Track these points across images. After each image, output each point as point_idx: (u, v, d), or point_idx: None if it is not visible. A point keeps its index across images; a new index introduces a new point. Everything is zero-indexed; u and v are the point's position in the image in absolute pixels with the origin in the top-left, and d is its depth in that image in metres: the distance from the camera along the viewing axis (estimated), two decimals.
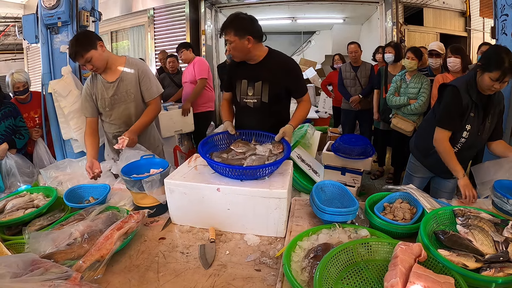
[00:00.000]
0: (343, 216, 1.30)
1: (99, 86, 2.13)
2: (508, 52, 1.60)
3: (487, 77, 1.65)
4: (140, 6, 6.85)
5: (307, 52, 9.65)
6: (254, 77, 1.88)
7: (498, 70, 1.59)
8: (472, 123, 1.79)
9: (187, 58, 4.09)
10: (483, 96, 1.76)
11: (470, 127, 1.80)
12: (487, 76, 1.64)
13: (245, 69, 1.90)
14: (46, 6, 2.71)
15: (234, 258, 1.26)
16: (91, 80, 2.16)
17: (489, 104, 1.78)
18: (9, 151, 2.50)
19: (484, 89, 1.71)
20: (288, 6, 6.98)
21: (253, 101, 1.90)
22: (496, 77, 1.61)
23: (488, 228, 1.14)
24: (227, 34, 1.77)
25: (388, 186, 1.62)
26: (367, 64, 4.29)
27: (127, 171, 1.65)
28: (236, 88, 1.95)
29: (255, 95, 1.89)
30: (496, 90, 1.69)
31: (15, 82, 2.85)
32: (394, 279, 0.86)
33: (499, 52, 1.64)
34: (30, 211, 1.49)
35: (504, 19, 2.40)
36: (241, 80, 1.92)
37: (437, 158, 1.88)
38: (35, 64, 8.23)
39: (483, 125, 1.81)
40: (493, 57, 1.64)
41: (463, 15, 6.56)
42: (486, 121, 1.80)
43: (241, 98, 1.93)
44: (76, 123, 2.80)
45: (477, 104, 1.76)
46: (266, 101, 1.87)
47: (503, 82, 1.62)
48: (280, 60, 1.90)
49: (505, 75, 1.59)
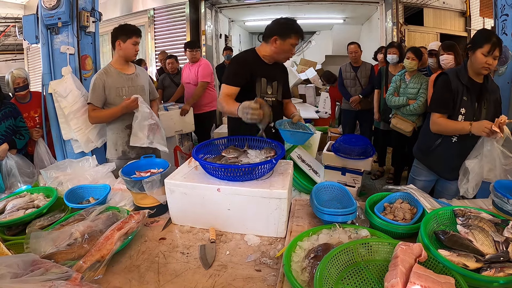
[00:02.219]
0: (343, 216, 1.30)
1: (114, 76, 2.33)
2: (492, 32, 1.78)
3: (479, 54, 1.73)
4: (140, 6, 6.86)
5: (307, 52, 9.65)
6: (272, 76, 1.99)
7: (488, 43, 1.71)
8: (466, 107, 1.81)
9: (197, 58, 4.09)
10: (474, 82, 1.83)
11: (465, 111, 1.81)
12: (479, 52, 1.73)
13: (264, 68, 1.97)
14: (46, 7, 2.71)
15: (235, 259, 1.26)
16: (105, 74, 2.32)
17: (482, 89, 1.83)
18: (9, 151, 2.50)
19: (478, 68, 1.77)
20: (288, 6, 6.98)
21: (271, 99, 2.00)
22: (488, 50, 1.71)
23: (489, 228, 1.14)
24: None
25: (388, 186, 1.62)
26: (367, 64, 4.29)
27: (127, 171, 1.65)
28: (256, 85, 1.95)
29: (273, 94, 2.01)
30: (490, 68, 1.75)
31: (15, 77, 2.88)
32: (394, 279, 0.86)
33: (485, 30, 1.82)
34: (31, 211, 1.49)
35: (504, 19, 2.40)
36: (261, 78, 1.96)
37: (437, 155, 1.91)
38: (35, 65, 8.24)
39: (479, 110, 1.82)
40: (481, 35, 1.78)
41: (463, 15, 6.55)
42: (481, 106, 1.82)
43: (261, 96, 1.96)
44: (76, 123, 2.79)
45: (468, 87, 1.81)
46: (281, 99, 2.05)
47: (494, 57, 1.72)
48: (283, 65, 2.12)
49: (495, 47, 1.70)
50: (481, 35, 1.78)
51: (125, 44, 2.29)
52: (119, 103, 2.30)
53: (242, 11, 7.44)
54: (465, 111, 1.81)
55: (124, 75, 2.36)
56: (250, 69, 1.93)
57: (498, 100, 1.88)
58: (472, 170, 1.67)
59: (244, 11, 7.46)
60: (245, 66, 1.93)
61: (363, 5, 6.68)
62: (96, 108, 2.30)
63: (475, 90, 1.82)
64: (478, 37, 1.78)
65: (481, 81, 1.85)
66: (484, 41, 1.72)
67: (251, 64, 1.95)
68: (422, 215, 1.32)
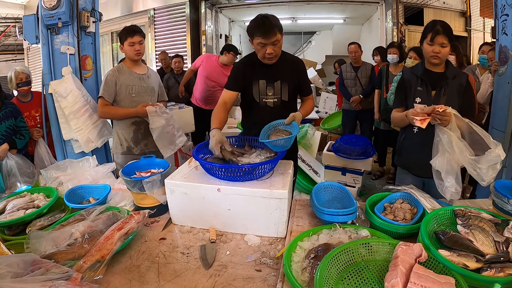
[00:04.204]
0: (343, 216, 1.30)
1: (126, 75, 2.39)
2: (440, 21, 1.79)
3: (425, 44, 1.79)
4: (140, 6, 6.86)
5: (307, 52, 9.65)
6: (273, 77, 1.93)
7: (429, 32, 1.75)
8: (421, 96, 1.84)
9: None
10: (432, 72, 1.85)
11: (420, 100, 1.83)
12: (425, 43, 1.79)
13: (262, 70, 1.92)
14: (46, 7, 2.71)
15: (235, 259, 1.26)
16: (117, 71, 2.40)
17: (438, 78, 1.83)
18: (9, 151, 2.50)
19: (428, 58, 1.81)
20: (288, 7, 6.99)
21: (273, 101, 1.96)
22: (430, 38, 1.75)
23: (489, 228, 1.14)
24: (275, 35, 1.76)
25: (388, 187, 1.62)
26: (367, 64, 4.29)
27: (127, 171, 1.65)
28: (253, 88, 1.95)
29: (275, 95, 1.96)
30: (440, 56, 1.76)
31: (19, 73, 2.89)
32: (394, 279, 0.86)
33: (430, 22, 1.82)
34: (31, 211, 1.49)
35: (504, 19, 2.39)
36: (259, 81, 1.93)
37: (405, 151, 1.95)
38: (36, 65, 8.23)
39: (437, 98, 1.81)
40: (425, 27, 1.83)
41: (464, 15, 6.56)
42: (440, 93, 1.81)
43: (260, 98, 1.95)
44: (76, 123, 2.80)
45: (422, 79, 1.84)
46: (287, 99, 1.96)
47: (441, 45, 1.73)
48: (292, 59, 2.01)
49: (436, 34, 1.73)
50: (426, 26, 1.83)
51: (124, 46, 2.37)
52: (128, 100, 2.38)
53: (242, 11, 7.44)
54: (420, 100, 1.83)
55: (135, 74, 2.43)
56: (247, 73, 1.94)
57: (463, 85, 1.83)
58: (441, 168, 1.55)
59: (245, 11, 7.46)
60: (241, 70, 1.95)
61: (363, 5, 6.68)
62: (108, 104, 2.35)
63: (431, 79, 1.83)
64: (424, 29, 1.82)
65: (442, 70, 1.85)
66: (427, 31, 1.77)
67: (248, 67, 1.94)
68: (422, 215, 1.31)
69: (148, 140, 2.45)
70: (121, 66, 2.45)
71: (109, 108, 2.37)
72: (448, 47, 1.77)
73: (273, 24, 1.75)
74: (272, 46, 1.79)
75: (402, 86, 1.92)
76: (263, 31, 1.75)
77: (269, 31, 1.74)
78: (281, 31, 1.79)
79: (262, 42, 1.77)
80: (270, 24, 1.75)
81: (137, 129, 2.43)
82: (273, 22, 1.77)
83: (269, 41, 1.76)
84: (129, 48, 2.35)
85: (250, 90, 1.95)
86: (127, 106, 2.39)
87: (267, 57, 1.82)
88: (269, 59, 1.84)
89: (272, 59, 1.85)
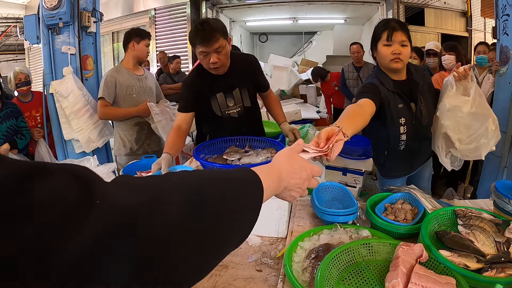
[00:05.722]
0: (344, 216, 1.30)
1: (125, 75, 2.42)
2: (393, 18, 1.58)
3: (381, 46, 1.50)
4: (141, 6, 6.87)
5: (308, 52, 9.64)
6: (229, 86, 1.78)
7: (385, 30, 1.48)
8: (405, 115, 1.59)
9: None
10: (400, 82, 1.59)
11: (405, 120, 1.59)
12: (380, 44, 1.50)
13: (215, 81, 1.74)
14: (47, 7, 2.72)
15: (235, 259, 1.26)
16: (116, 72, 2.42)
17: (411, 85, 1.58)
18: (10, 151, 2.51)
19: (387, 64, 1.52)
20: (289, 7, 6.99)
21: (236, 110, 1.83)
22: (386, 37, 1.47)
23: (490, 229, 1.14)
24: (217, 41, 1.56)
25: (389, 187, 1.62)
26: (369, 65, 4.29)
27: (129, 171, 1.65)
28: (212, 104, 1.79)
29: (237, 104, 1.82)
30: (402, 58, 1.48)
31: (18, 73, 2.90)
32: (395, 280, 0.86)
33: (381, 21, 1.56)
34: None
35: (505, 19, 2.39)
36: (215, 94, 1.78)
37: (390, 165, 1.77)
38: (37, 65, 8.25)
39: (419, 111, 1.60)
40: (376, 27, 1.55)
41: (464, 15, 6.55)
42: (419, 104, 1.59)
43: (222, 111, 1.81)
44: (77, 123, 2.80)
45: (398, 93, 1.56)
46: (249, 105, 1.84)
47: (401, 43, 1.46)
48: (241, 58, 1.84)
49: (393, 31, 1.46)
50: (377, 27, 1.54)
51: (138, 45, 2.41)
52: (128, 101, 2.40)
53: (243, 11, 7.45)
54: (405, 119, 1.58)
55: (134, 75, 2.47)
56: (200, 88, 1.76)
57: (431, 85, 1.67)
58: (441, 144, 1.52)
59: (245, 11, 7.47)
60: (193, 87, 1.78)
61: (364, 5, 6.69)
62: (108, 104, 2.36)
63: (404, 91, 1.57)
64: (375, 31, 1.54)
65: (405, 77, 1.60)
66: (380, 30, 1.50)
67: (199, 82, 1.77)
68: (423, 216, 1.31)
69: (151, 139, 2.47)
70: (119, 67, 2.48)
71: (110, 108, 2.37)
72: (409, 46, 1.50)
73: (213, 28, 1.55)
74: (215, 54, 1.58)
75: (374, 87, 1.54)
76: (202, 38, 1.54)
77: (210, 38, 1.54)
78: (225, 35, 1.60)
79: (204, 51, 1.57)
80: (210, 29, 1.55)
81: (140, 129, 2.45)
82: (214, 25, 1.56)
83: (211, 49, 1.56)
84: (144, 48, 2.44)
85: (209, 106, 1.79)
86: (127, 107, 2.39)
87: (212, 67, 1.62)
88: (215, 69, 1.64)
89: (219, 69, 1.65)
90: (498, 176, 2.33)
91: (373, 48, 1.57)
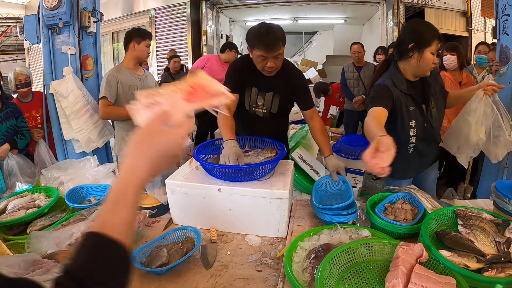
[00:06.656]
0: (344, 216, 1.30)
1: (126, 75, 2.42)
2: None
3: (429, 54, 1.49)
4: (141, 6, 6.87)
5: (308, 52, 9.65)
6: (266, 87, 1.81)
7: (437, 40, 1.49)
8: (416, 118, 1.61)
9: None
10: (414, 83, 1.61)
11: (415, 122, 1.61)
12: (428, 52, 1.49)
13: (256, 77, 1.78)
14: (47, 7, 2.71)
15: (236, 259, 1.26)
16: (117, 71, 2.41)
17: (424, 87, 1.60)
18: (10, 151, 2.51)
19: (425, 70, 1.54)
20: (289, 7, 6.99)
21: (262, 111, 1.86)
22: (437, 48, 1.49)
23: (490, 229, 1.14)
24: (278, 49, 1.59)
25: (389, 187, 1.62)
26: (370, 65, 4.29)
27: None
28: (245, 95, 1.83)
29: (265, 106, 1.85)
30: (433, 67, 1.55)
31: (18, 74, 2.89)
32: (395, 280, 0.86)
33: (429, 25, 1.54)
34: (32, 211, 1.50)
35: (505, 19, 2.38)
36: (251, 88, 1.82)
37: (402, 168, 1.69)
38: (37, 65, 8.25)
39: (430, 113, 1.62)
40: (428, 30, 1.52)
41: (464, 15, 6.55)
42: (430, 107, 1.61)
43: (250, 106, 1.86)
44: (77, 123, 2.80)
45: (411, 95, 1.58)
46: (275, 112, 1.86)
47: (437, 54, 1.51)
48: (291, 70, 1.83)
49: (441, 42, 1.50)
50: (429, 30, 1.52)
51: (139, 45, 2.41)
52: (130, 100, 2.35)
53: (243, 11, 7.45)
54: (415, 122, 1.60)
55: (136, 75, 2.48)
56: (242, 77, 1.80)
57: (443, 87, 1.67)
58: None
59: (245, 11, 7.47)
60: (239, 71, 1.82)
61: (364, 5, 6.69)
62: (110, 104, 2.36)
63: (417, 92, 1.59)
64: (425, 34, 1.51)
65: (419, 78, 1.63)
66: (433, 38, 1.48)
67: (245, 71, 1.79)
68: (423, 216, 1.32)
69: None
70: (120, 67, 2.47)
71: (112, 108, 2.37)
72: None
73: (277, 37, 1.58)
74: (273, 59, 1.63)
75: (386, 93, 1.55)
76: (266, 44, 1.57)
77: (273, 45, 1.57)
78: (284, 43, 1.63)
79: (264, 55, 1.61)
80: (274, 37, 1.57)
81: None
82: (278, 34, 1.59)
83: (271, 55, 1.60)
84: (145, 48, 2.44)
85: (242, 96, 1.83)
86: None
87: (267, 70, 1.67)
88: (269, 72, 1.70)
89: (272, 72, 1.71)
90: (498, 176, 2.33)
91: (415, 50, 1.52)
